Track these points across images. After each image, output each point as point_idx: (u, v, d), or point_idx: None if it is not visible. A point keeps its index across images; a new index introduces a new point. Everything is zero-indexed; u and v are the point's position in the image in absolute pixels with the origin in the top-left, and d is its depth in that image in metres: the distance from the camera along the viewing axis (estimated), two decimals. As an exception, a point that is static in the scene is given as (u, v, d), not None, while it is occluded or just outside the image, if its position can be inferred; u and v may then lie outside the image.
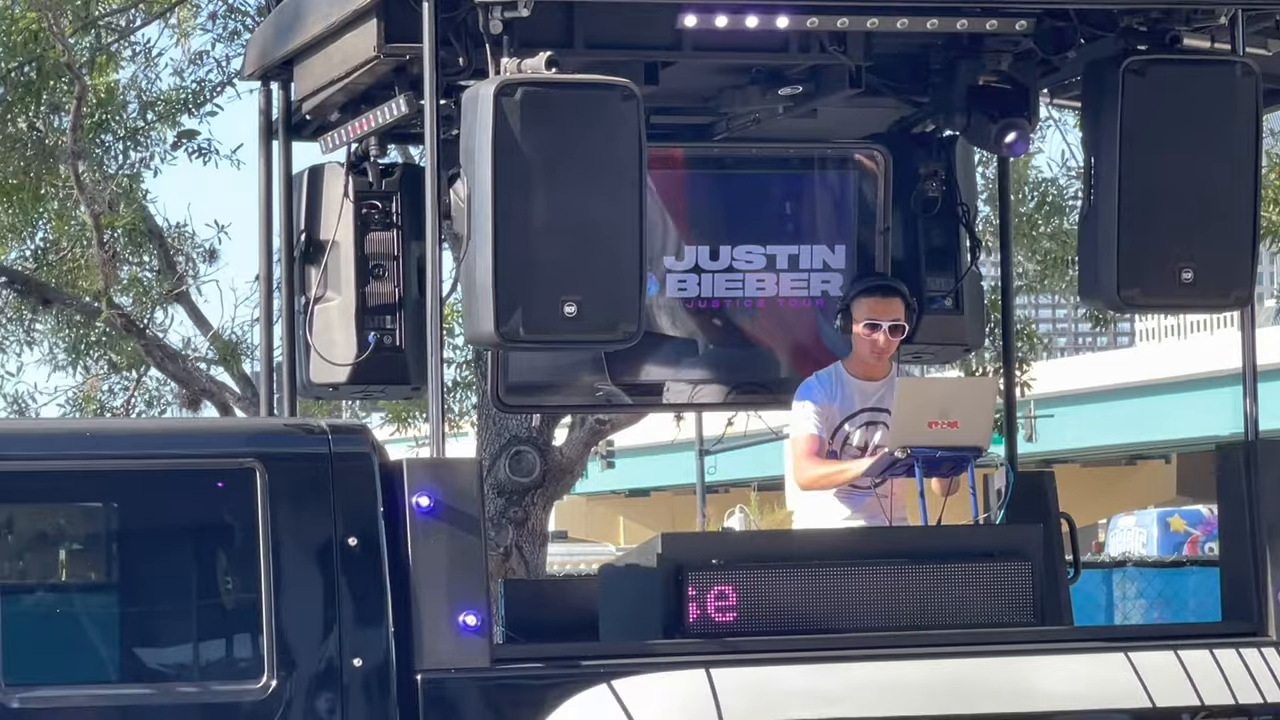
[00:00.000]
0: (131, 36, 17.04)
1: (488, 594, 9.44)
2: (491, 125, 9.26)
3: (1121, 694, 9.60)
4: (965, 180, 11.90)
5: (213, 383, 17.36)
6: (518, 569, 15.38)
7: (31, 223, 16.79)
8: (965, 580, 9.92)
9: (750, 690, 9.34)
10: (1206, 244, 9.97)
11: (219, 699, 9.18)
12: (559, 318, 9.40)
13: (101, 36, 16.61)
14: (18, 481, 9.19)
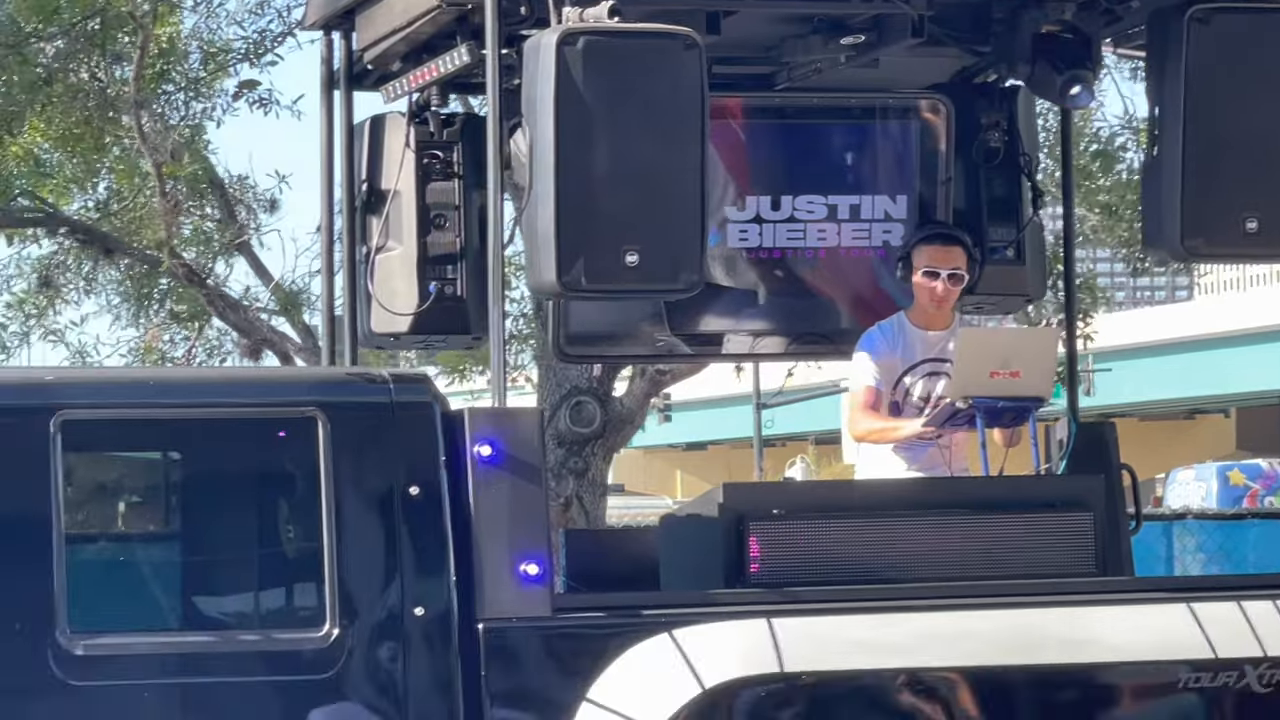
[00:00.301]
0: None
1: (549, 544, 9.45)
2: (553, 75, 9.27)
3: (1184, 645, 9.59)
4: (1027, 130, 11.87)
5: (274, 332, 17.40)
6: (578, 519, 15.41)
7: (94, 173, 16.84)
8: (1027, 531, 9.92)
9: (812, 640, 9.35)
10: (1272, 194, 9.95)
11: (281, 647, 9.20)
12: (621, 267, 9.42)
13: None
14: (83, 430, 9.22)
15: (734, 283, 11.62)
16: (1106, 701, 9.62)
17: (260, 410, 9.74)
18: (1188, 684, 9.60)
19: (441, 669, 9.15)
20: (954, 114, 11.76)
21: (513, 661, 9.21)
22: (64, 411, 9.19)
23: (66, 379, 10.80)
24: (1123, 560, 10.51)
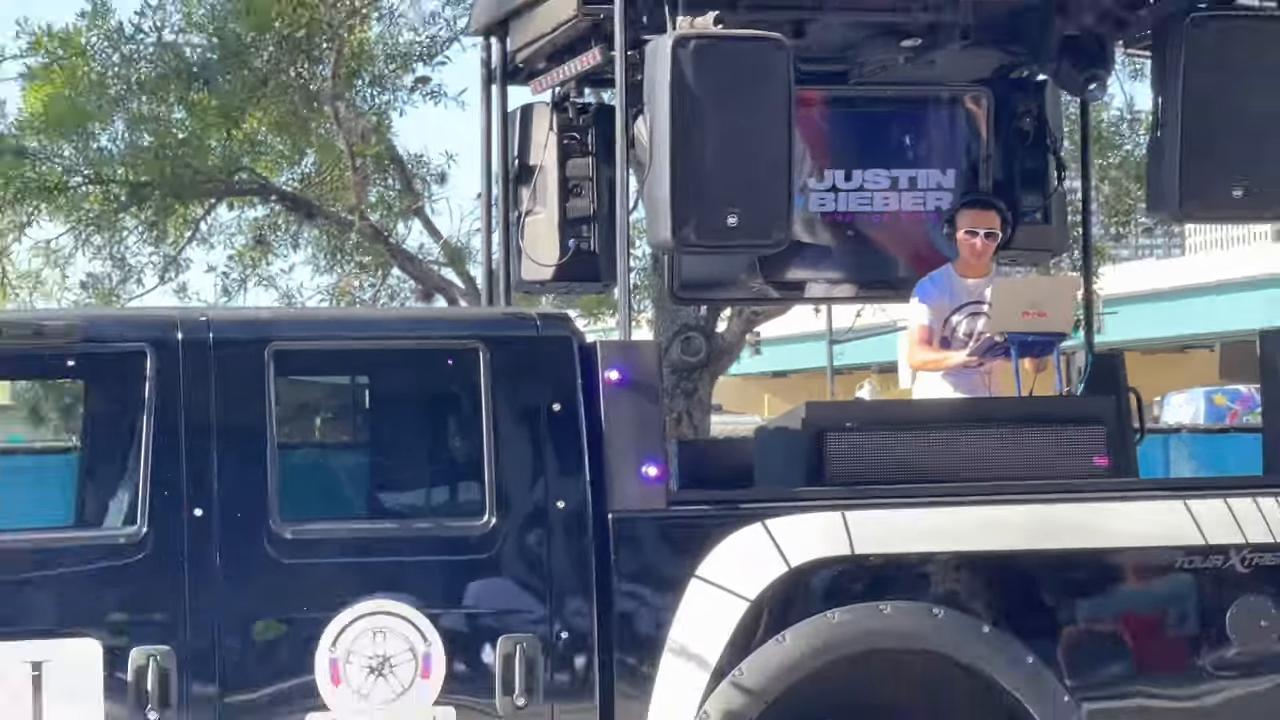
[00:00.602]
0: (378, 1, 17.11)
1: (665, 451, 9.45)
2: (669, 71, 9.26)
3: (1179, 533, 9.53)
4: (1053, 116, 11.82)
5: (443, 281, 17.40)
6: (688, 432, 15.39)
7: (299, 152, 16.90)
8: (1052, 441, 9.87)
9: (876, 526, 9.32)
10: (1255, 167, 9.89)
11: (450, 533, 9.21)
12: (723, 227, 9.41)
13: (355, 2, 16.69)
14: (290, 358, 9.25)
15: (813, 240, 11.61)
16: (1116, 579, 9.56)
17: (433, 343, 9.76)
18: (1183, 565, 9.53)
19: (578, 552, 9.13)
20: (993, 103, 11.72)
21: (636, 546, 9.19)
22: (275, 343, 9.19)
23: (277, 317, 10.79)
24: (1130, 465, 10.47)
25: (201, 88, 16.28)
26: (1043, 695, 9.28)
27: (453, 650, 8.95)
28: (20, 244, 17.35)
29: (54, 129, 16.28)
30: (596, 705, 9.07)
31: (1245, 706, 9.52)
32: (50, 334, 9.12)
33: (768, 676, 9.09)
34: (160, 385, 8.94)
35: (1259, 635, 9.48)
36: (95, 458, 9.94)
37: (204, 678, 8.75)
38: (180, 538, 8.83)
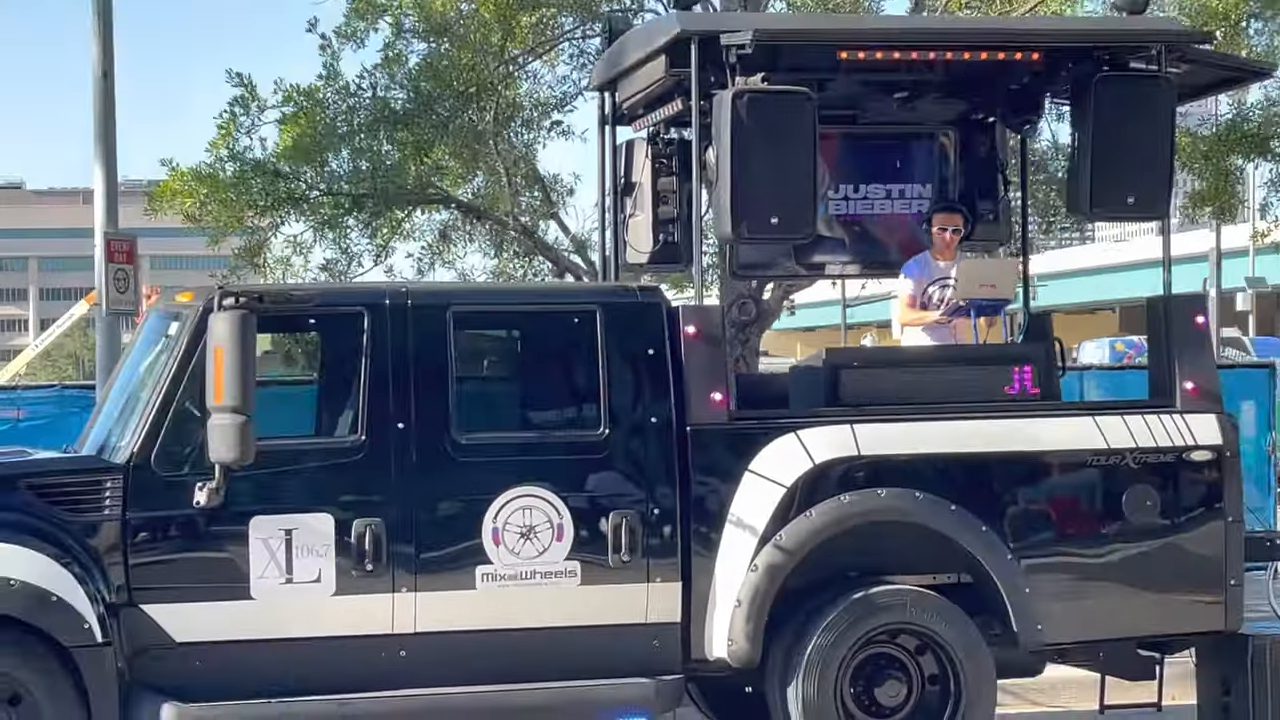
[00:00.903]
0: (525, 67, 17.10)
1: (727, 382, 9.42)
2: (729, 116, 9.20)
3: (1089, 440, 9.49)
4: (1001, 147, 11.68)
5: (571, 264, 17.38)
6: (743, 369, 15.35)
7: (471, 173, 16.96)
8: (1000, 373, 9.81)
9: (875, 435, 9.29)
10: (1141, 182, 9.78)
11: (576, 440, 9.21)
12: (768, 225, 9.36)
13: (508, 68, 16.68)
14: (464, 317, 9.25)
15: (831, 234, 11.49)
16: (1045, 473, 9.49)
17: (564, 307, 9.76)
18: (1092, 463, 9.47)
19: (665, 453, 9.12)
20: (958, 137, 11.58)
21: (706, 449, 9.16)
22: (454, 306, 9.21)
23: (455, 287, 10.83)
24: (1056, 392, 10.38)
25: (402, 129, 16.30)
26: (993, 553, 9.25)
27: (578, 522, 8.97)
28: (275, 238, 17.40)
29: (300, 157, 16.33)
30: (678, 561, 9.07)
31: (1136, 560, 9.46)
32: (298, 300, 9.18)
33: (799, 541, 9.08)
34: (373, 336, 8.97)
35: (1145, 511, 9.45)
36: (329, 388, 9.97)
37: (404, 541, 8.79)
38: (388, 443, 8.87)
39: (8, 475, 8.86)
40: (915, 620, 9.20)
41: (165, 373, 8.83)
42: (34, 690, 8.38)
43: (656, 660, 9.02)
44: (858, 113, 11.13)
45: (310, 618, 8.68)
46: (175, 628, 8.57)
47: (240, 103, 16.54)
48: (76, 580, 8.41)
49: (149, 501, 8.63)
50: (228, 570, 8.63)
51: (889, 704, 9.23)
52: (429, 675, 8.77)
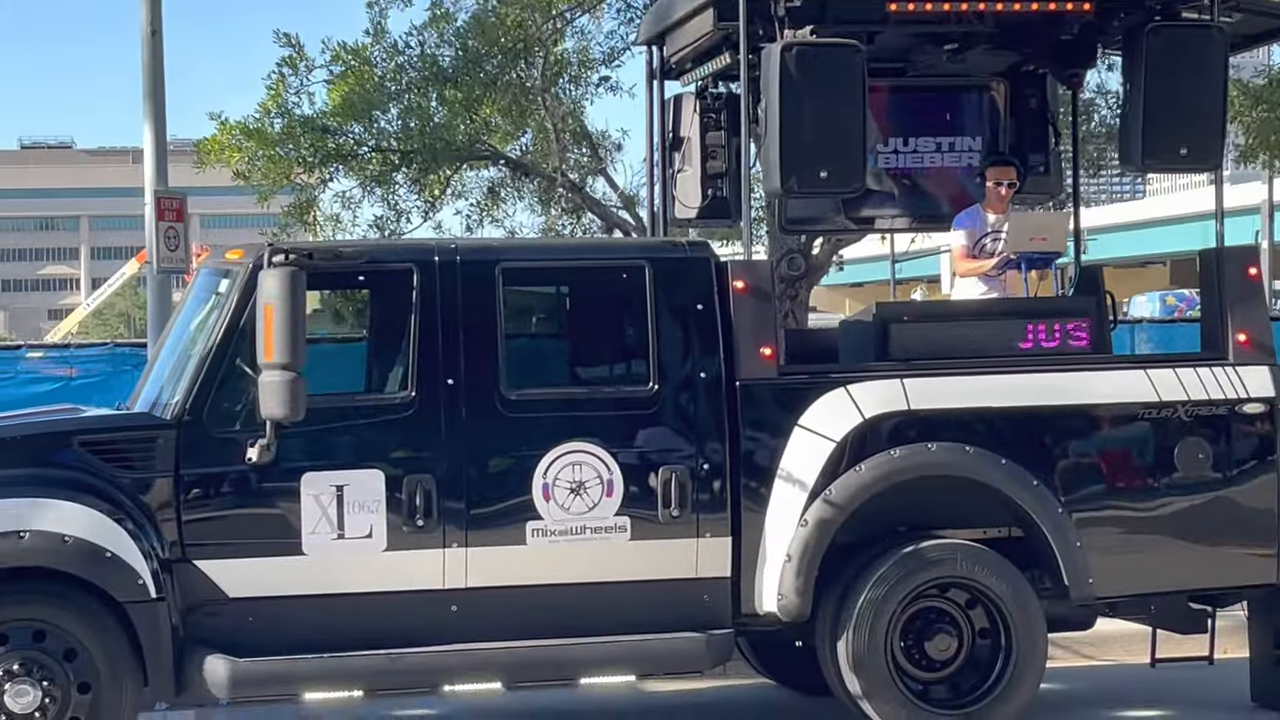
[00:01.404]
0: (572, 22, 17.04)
1: (777, 337, 9.41)
2: (778, 70, 9.18)
3: (1141, 393, 9.47)
4: (1052, 99, 11.63)
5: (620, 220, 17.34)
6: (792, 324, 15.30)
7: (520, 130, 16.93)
8: (1052, 327, 9.77)
9: (925, 389, 9.28)
10: (1194, 133, 9.75)
11: (625, 395, 9.21)
12: (818, 179, 9.34)
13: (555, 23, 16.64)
14: (513, 273, 9.26)
15: (880, 187, 11.47)
16: (1096, 426, 9.46)
17: (612, 262, 9.74)
18: (1143, 416, 9.45)
19: (716, 408, 9.11)
20: (1009, 89, 11.53)
21: (756, 404, 9.16)
22: (503, 263, 9.22)
23: (503, 244, 10.85)
24: (1107, 345, 10.34)
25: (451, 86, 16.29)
26: (1044, 507, 9.24)
27: (628, 477, 8.97)
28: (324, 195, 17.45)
29: (348, 114, 16.35)
30: (728, 516, 9.08)
31: (1188, 513, 9.43)
32: (348, 257, 9.19)
33: (849, 495, 9.08)
34: (423, 293, 8.98)
35: (1197, 465, 9.43)
36: (379, 344, 9.99)
37: (454, 497, 8.82)
38: (438, 399, 8.88)
39: (62, 432, 8.94)
40: (966, 574, 9.20)
41: (216, 330, 8.87)
42: (89, 645, 8.46)
43: (706, 615, 9.03)
44: (907, 65, 11.09)
45: (361, 573, 8.73)
46: (228, 583, 8.63)
47: (289, 63, 16.56)
48: (130, 536, 8.47)
49: (201, 458, 8.68)
50: (280, 526, 8.68)
51: (939, 658, 9.24)
52: (479, 630, 8.80)
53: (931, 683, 9.24)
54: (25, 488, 8.52)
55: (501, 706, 10.18)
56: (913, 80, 11.30)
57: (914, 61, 11.03)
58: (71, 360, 15.27)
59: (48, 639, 8.44)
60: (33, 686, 8.37)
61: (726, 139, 10.87)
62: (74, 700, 8.45)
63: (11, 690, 8.35)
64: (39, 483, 8.55)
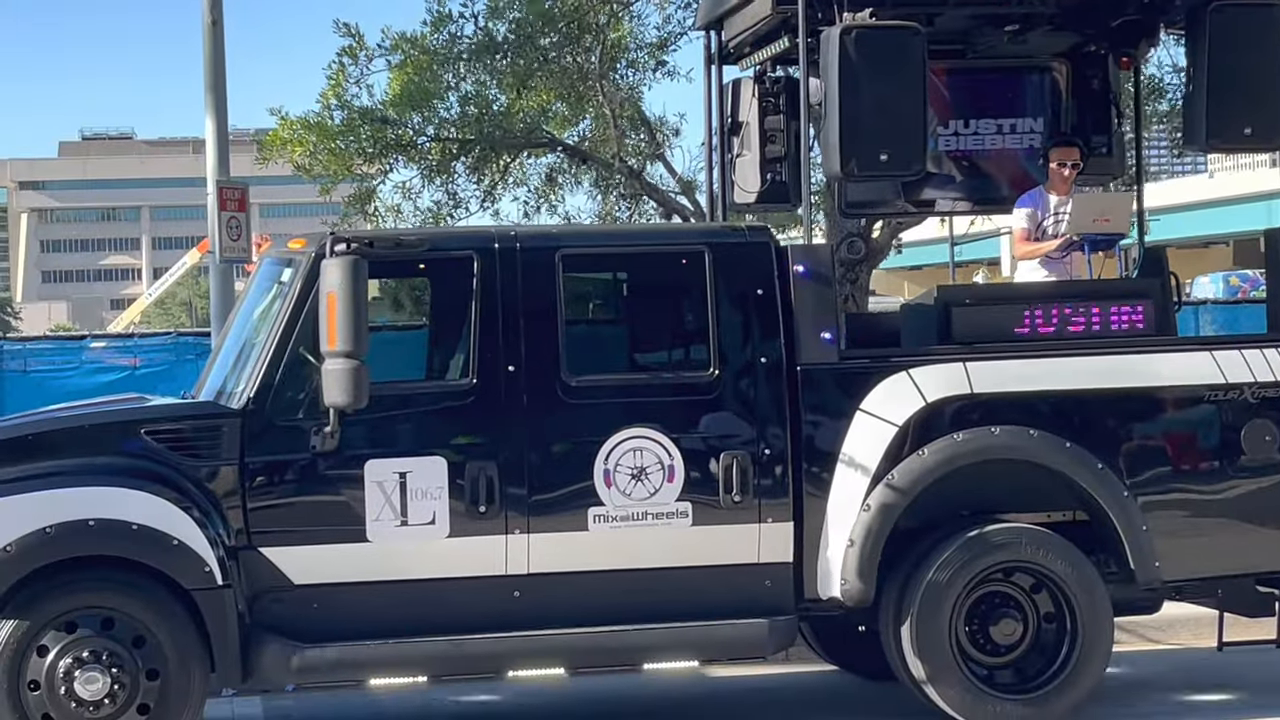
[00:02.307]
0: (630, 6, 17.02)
1: (838, 321, 9.40)
2: (838, 53, 9.18)
3: (1207, 374, 9.42)
4: (1114, 79, 11.57)
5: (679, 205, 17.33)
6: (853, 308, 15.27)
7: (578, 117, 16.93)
8: (1116, 310, 9.73)
9: (988, 373, 9.26)
10: (1259, 112, 9.69)
11: (686, 381, 9.23)
12: (878, 162, 9.34)
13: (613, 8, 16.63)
14: (572, 259, 9.27)
15: (940, 170, 11.44)
16: (1161, 409, 9.43)
17: (672, 247, 9.75)
18: (1209, 398, 9.40)
19: (777, 393, 9.11)
20: (1070, 70, 11.47)
21: (817, 388, 9.15)
22: (562, 249, 9.23)
23: (563, 230, 10.88)
24: (1171, 327, 10.28)
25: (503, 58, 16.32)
26: (1110, 491, 9.20)
27: (689, 463, 8.98)
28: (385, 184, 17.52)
29: (407, 104, 16.41)
30: (790, 502, 9.07)
31: (1255, 496, 9.39)
32: (408, 245, 9.23)
33: (912, 480, 9.06)
34: (483, 280, 9.01)
35: (1264, 447, 9.38)
36: (439, 332, 10.03)
37: (516, 483, 8.84)
38: (499, 386, 8.91)
39: (127, 421, 9.00)
40: (1031, 558, 9.17)
41: (279, 319, 8.92)
42: (157, 633, 8.53)
43: (769, 600, 9.03)
44: (967, 47, 11.05)
45: (425, 560, 8.77)
46: (293, 570, 8.69)
47: (349, 53, 16.63)
48: (196, 524, 8.54)
49: (265, 446, 8.74)
50: (343, 513, 8.73)
51: (1004, 642, 9.22)
52: (542, 616, 8.83)
53: (996, 667, 9.21)
54: (93, 477, 8.61)
55: (563, 692, 10.21)
56: (973, 62, 11.25)
57: (974, 43, 10.99)
58: (135, 350, 15.39)
59: (116, 626, 8.52)
60: (102, 674, 8.45)
61: (785, 123, 10.84)
62: (143, 687, 8.52)
63: (81, 677, 8.43)
64: (106, 472, 8.63)
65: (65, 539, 8.43)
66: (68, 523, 8.44)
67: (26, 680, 8.46)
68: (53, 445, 8.84)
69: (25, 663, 8.44)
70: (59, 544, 8.43)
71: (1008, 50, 11.13)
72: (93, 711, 8.46)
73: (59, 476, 8.61)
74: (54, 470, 8.65)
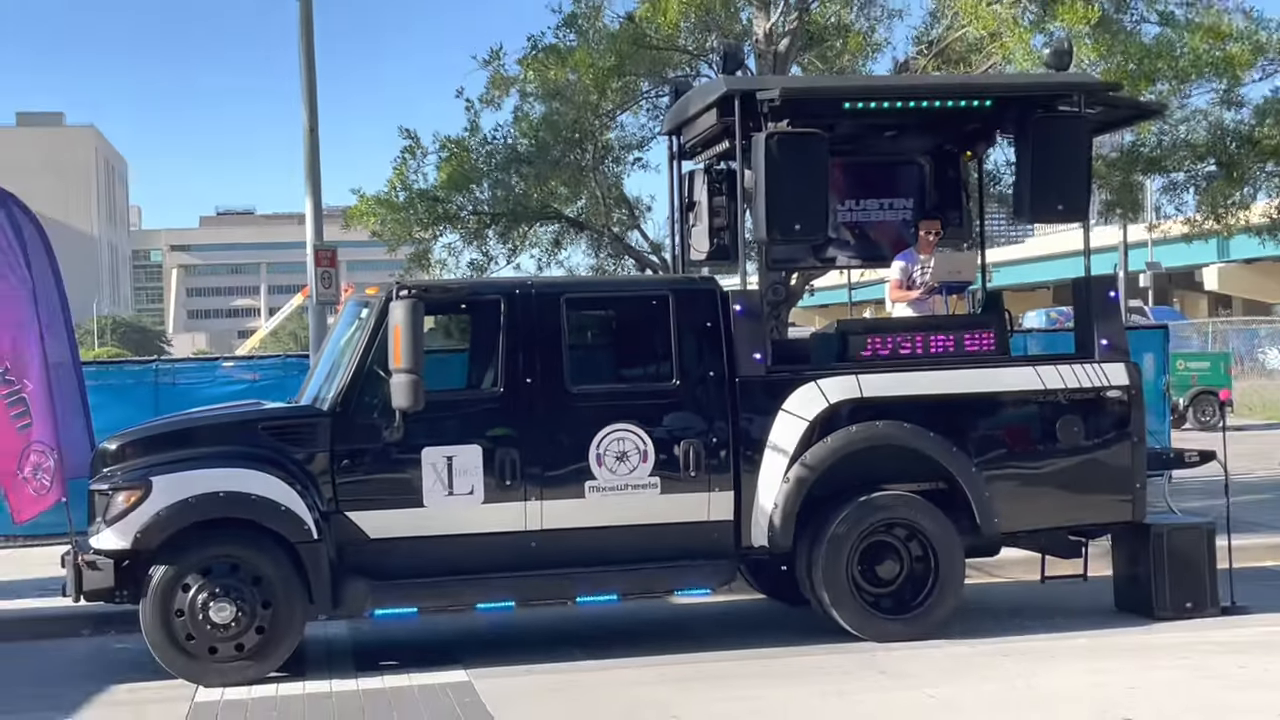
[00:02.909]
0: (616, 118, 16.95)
1: (765, 346, 9.36)
2: (764, 151, 9.15)
3: (1032, 382, 9.43)
4: (964, 170, 11.52)
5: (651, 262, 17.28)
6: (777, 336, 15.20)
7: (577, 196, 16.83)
8: (965, 336, 9.71)
9: (874, 382, 9.24)
10: (1068, 194, 9.63)
11: (656, 389, 9.19)
12: (793, 230, 9.32)
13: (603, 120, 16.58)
14: (575, 302, 9.24)
15: (840, 236, 11.37)
16: (1000, 408, 9.41)
17: (646, 292, 9.67)
18: (1034, 400, 9.40)
19: (722, 398, 9.09)
20: (933, 164, 11.41)
21: (751, 394, 9.13)
22: (567, 294, 9.22)
23: (566, 280, 10.80)
24: (1007, 348, 10.25)
25: (526, 165, 16.25)
26: (962, 466, 9.21)
27: (658, 448, 8.96)
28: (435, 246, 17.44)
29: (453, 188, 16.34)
30: (732, 476, 9.06)
31: (1067, 470, 9.38)
32: (454, 291, 9.25)
33: (819, 460, 9.06)
34: (509, 316, 8.99)
35: (1073, 435, 9.38)
36: (476, 354, 9.98)
37: (533, 464, 8.82)
38: (520, 393, 8.89)
39: (249, 420, 8.98)
40: (905, 516, 9.17)
41: (359, 345, 8.90)
42: (269, 574, 8.51)
43: (716, 547, 9.02)
44: (857, 146, 11.01)
45: (466, 519, 8.73)
46: (370, 528, 8.66)
47: (409, 150, 16.58)
48: (299, 495, 8.53)
49: (349, 438, 8.71)
50: (406, 486, 8.69)
51: (886, 577, 9.22)
52: (552, 559, 8.82)
53: (881, 596, 9.21)
54: (224, 460, 8.59)
55: (565, 615, 10.16)
56: (862, 157, 11.20)
57: (863, 144, 10.95)
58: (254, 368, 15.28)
59: (240, 570, 8.51)
60: (230, 604, 8.44)
61: (727, 202, 10.77)
62: (259, 614, 8.51)
63: (214, 607, 8.42)
64: (234, 457, 8.61)
65: (203, 506, 8.41)
66: (204, 494, 8.42)
67: (174, 609, 8.43)
68: (195, 437, 8.83)
69: (173, 597, 8.42)
70: (199, 509, 8.42)
71: (887, 149, 11.11)
72: (223, 631, 8.44)
73: (199, 460, 8.59)
74: (195, 456, 8.63)
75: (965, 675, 8.11)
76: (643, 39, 15.54)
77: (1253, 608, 9.68)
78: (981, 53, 14.18)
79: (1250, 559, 11.55)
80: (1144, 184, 17.30)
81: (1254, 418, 29.39)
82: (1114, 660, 8.36)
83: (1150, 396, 15.32)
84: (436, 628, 10.01)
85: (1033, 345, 16.55)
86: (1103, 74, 13.51)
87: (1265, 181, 16.60)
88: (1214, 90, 15.62)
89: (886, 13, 16.77)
